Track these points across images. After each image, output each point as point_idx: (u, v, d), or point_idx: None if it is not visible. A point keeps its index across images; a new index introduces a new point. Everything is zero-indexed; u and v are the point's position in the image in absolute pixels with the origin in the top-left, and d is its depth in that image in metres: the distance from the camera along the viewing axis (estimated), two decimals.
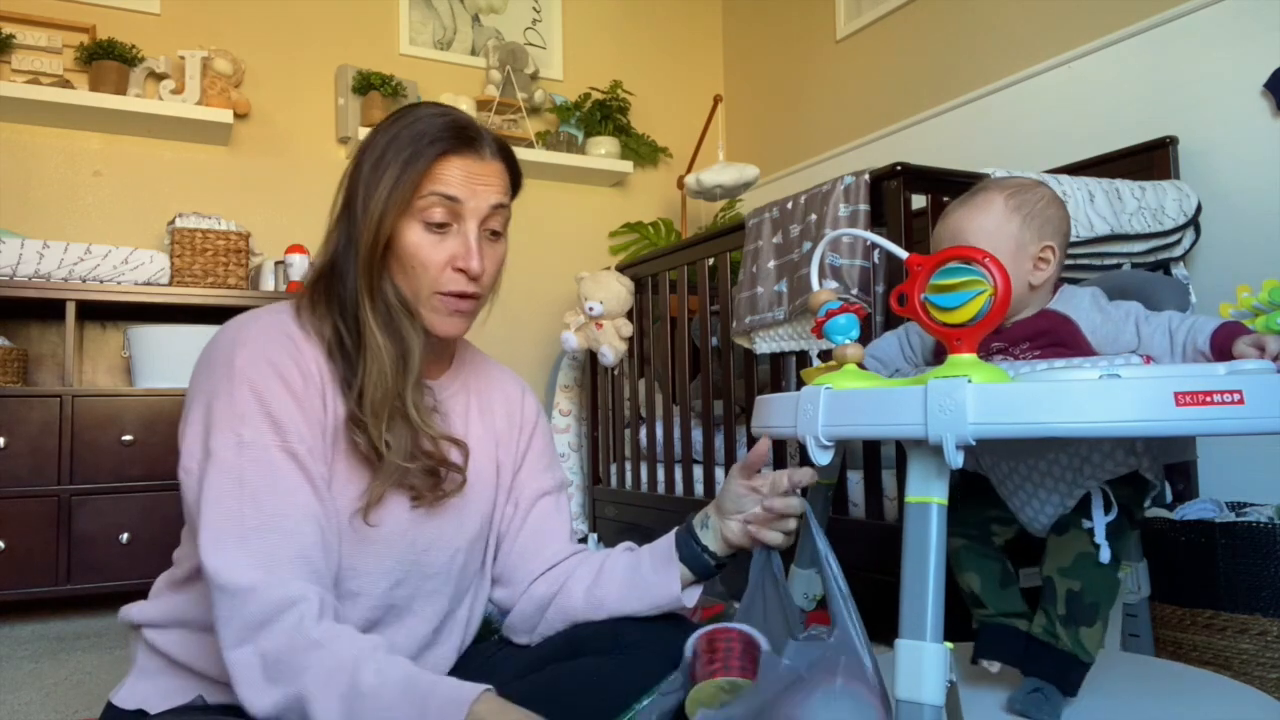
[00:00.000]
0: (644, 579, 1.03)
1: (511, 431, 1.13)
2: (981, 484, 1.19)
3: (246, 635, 0.80)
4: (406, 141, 0.95)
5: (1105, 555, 1.05)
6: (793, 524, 1.00)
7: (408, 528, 0.98)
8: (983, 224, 1.11)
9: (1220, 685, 1.16)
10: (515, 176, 1.05)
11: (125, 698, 0.94)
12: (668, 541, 1.06)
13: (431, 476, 0.97)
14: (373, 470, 0.93)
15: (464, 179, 0.96)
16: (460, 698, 0.78)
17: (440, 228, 0.96)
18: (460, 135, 0.97)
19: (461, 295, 0.97)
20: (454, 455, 1.00)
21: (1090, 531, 1.07)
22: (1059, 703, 1.03)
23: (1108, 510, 1.07)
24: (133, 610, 0.99)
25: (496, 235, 1.02)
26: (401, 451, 0.93)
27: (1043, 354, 1.09)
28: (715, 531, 1.04)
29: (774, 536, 1.00)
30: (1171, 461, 1.14)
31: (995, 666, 1.09)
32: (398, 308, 0.96)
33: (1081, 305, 1.12)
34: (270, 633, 0.80)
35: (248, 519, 0.83)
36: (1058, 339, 1.10)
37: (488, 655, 1.10)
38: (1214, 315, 1.03)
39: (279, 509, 0.85)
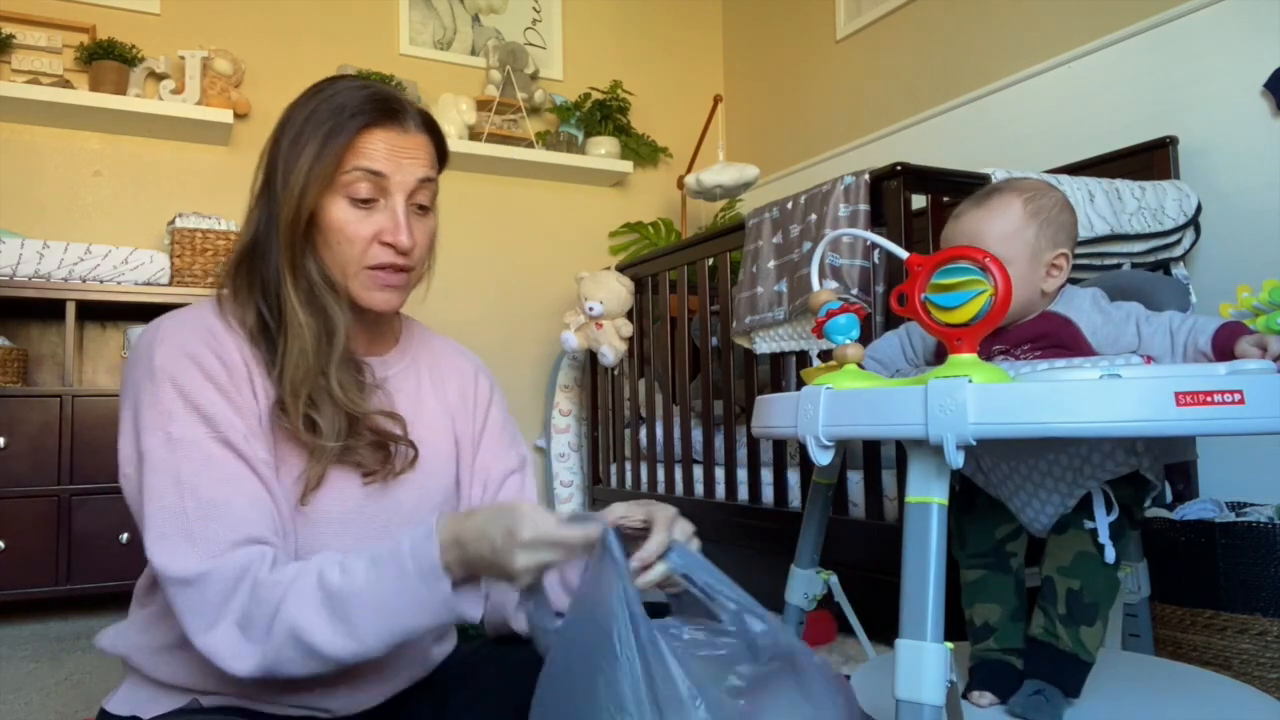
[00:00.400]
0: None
1: (466, 406, 1.10)
2: (979, 502, 1.19)
3: (212, 616, 0.80)
4: (326, 115, 0.93)
5: (1110, 555, 1.05)
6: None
7: (363, 504, 0.95)
8: (1001, 229, 1.10)
9: (1220, 685, 1.16)
10: (441, 149, 1.02)
11: (119, 704, 0.93)
12: None
13: (380, 451, 0.95)
14: (309, 452, 0.91)
15: (388, 152, 0.93)
16: (423, 533, 0.81)
17: (366, 203, 0.93)
18: (382, 107, 0.94)
19: (392, 268, 0.95)
20: (393, 429, 0.98)
21: (1091, 532, 1.06)
22: (1061, 704, 1.03)
23: (1109, 510, 1.07)
24: (105, 641, 0.96)
25: (424, 210, 0.99)
26: (332, 431, 0.90)
27: (1043, 355, 1.09)
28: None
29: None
30: (1172, 461, 1.14)
31: (986, 699, 1.07)
32: (321, 285, 0.93)
33: (1082, 307, 1.11)
34: (234, 603, 0.79)
35: (190, 513, 0.82)
36: (1058, 341, 1.09)
37: (473, 664, 1.06)
38: (1214, 315, 1.03)
39: (220, 497, 0.83)
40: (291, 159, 0.93)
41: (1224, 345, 0.97)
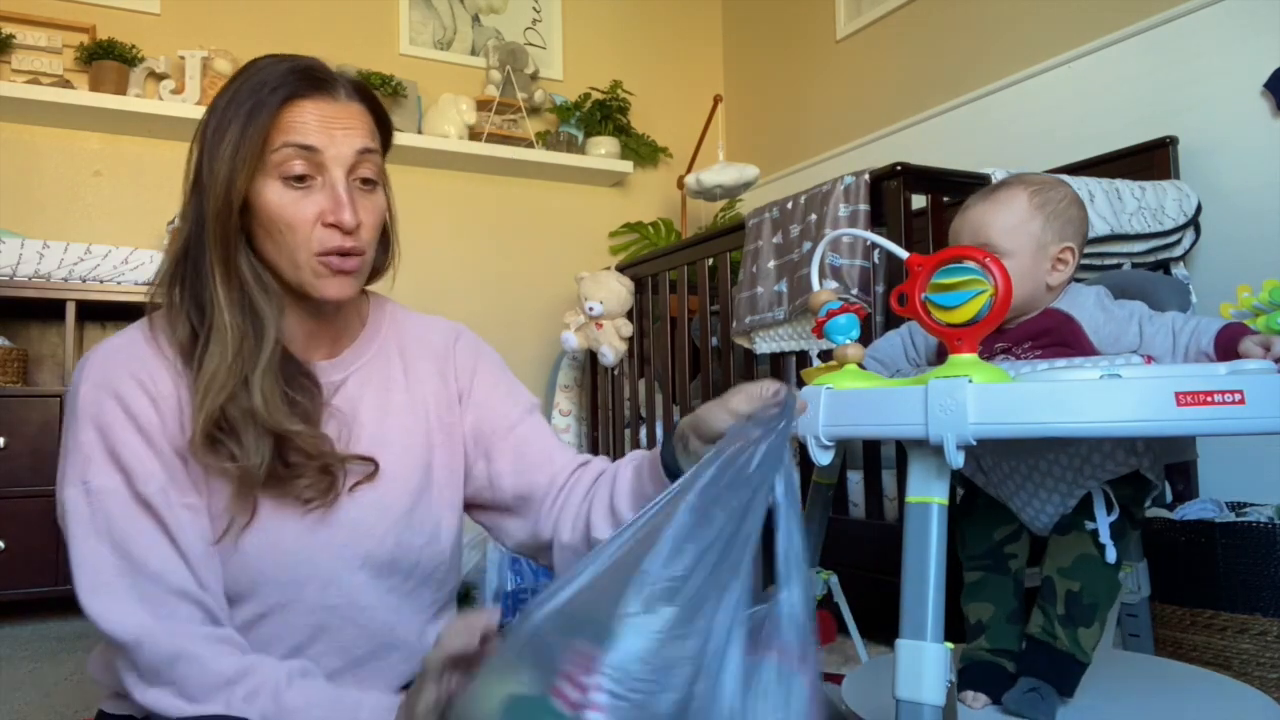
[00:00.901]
0: (648, 496, 0.92)
1: (446, 383, 1.03)
2: (978, 504, 1.18)
3: (151, 679, 0.78)
4: (247, 94, 0.85)
5: (1111, 555, 1.05)
6: None
7: (308, 532, 0.88)
8: (1006, 221, 1.10)
9: (1220, 685, 1.16)
10: (382, 121, 0.94)
11: (116, 706, 0.92)
12: (655, 460, 0.94)
13: (323, 476, 0.88)
14: (236, 482, 0.83)
15: (319, 124, 0.86)
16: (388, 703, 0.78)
17: (301, 180, 0.85)
18: (306, 76, 0.87)
19: (341, 252, 0.87)
20: (324, 449, 0.88)
21: (1092, 533, 1.06)
22: (1055, 703, 1.03)
23: (1109, 511, 1.07)
24: (93, 668, 0.94)
25: (370, 184, 0.90)
26: (255, 453, 0.83)
27: (1044, 354, 1.09)
28: (696, 457, 0.88)
29: None
30: (1172, 461, 1.14)
31: (981, 701, 1.06)
32: (254, 284, 0.86)
33: (1085, 304, 1.11)
34: (175, 674, 0.77)
35: (113, 566, 0.79)
36: (1060, 338, 1.09)
37: None
38: (1214, 315, 1.03)
39: (141, 553, 0.80)
40: (215, 146, 0.85)
41: (1227, 346, 0.97)
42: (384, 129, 0.95)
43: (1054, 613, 1.07)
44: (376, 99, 0.94)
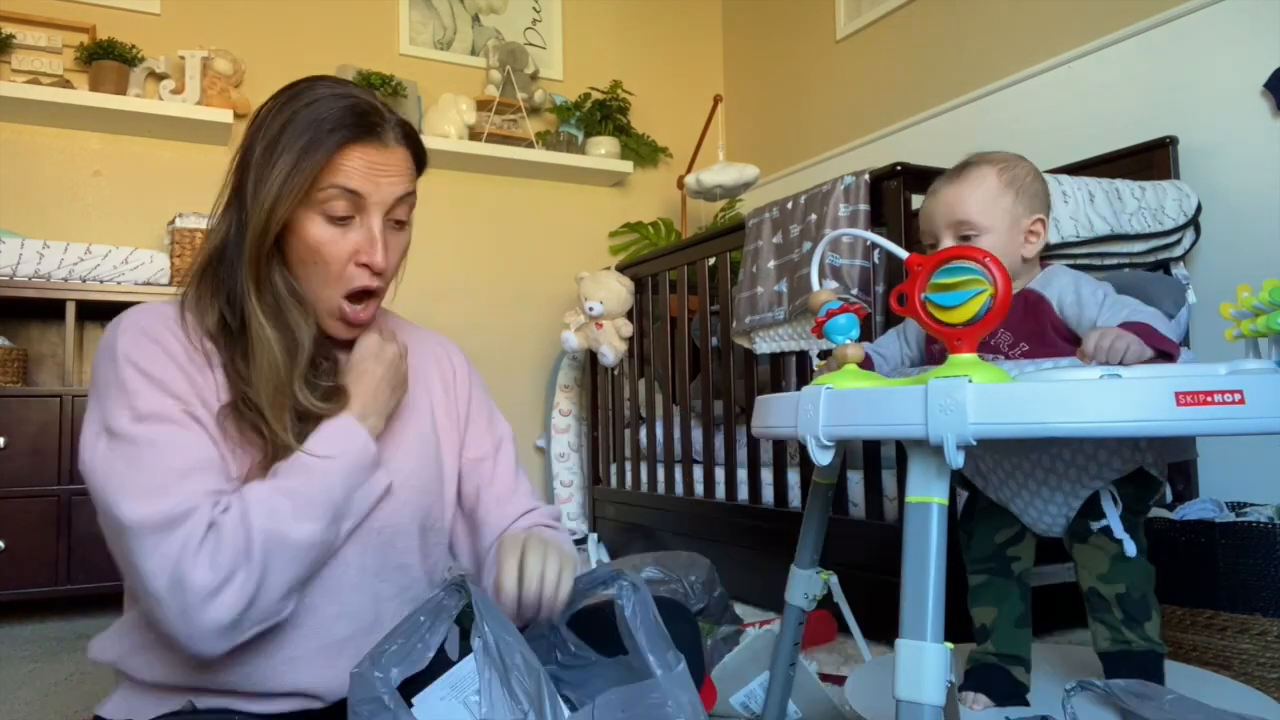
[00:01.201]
0: None
1: (450, 398, 1.10)
2: (980, 508, 1.18)
3: (189, 563, 0.79)
4: (303, 126, 0.89)
5: (1131, 549, 1.05)
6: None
7: None
8: (980, 198, 1.13)
9: (1220, 685, 1.16)
10: (420, 160, 1.00)
11: (113, 709, 0.92)
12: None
13: None
14: (263, 454, 0.89)
15: (367, 171, 0.91)
16: (345, 424, 0.90)
17: (343, 220, 0.91)
18: (362, 122, 0.91)
19: (366, 293, 0.95)
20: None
21: (1105, 530, 1.06)
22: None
23: (1116, 507, 1.07)
24: (96, 648, 0.95)
25: (400, 224, 0.97)
26: (290, 429, 0.89)
27: (1031, 352, 1.10)
28: None
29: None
30: (1173, 460, 1.14)
31: (981, 703, 1.07)
32: (287, 298, 0.92)
33: (1059, 284, 1.13)
34: (204, 548, 0.80)
35: (167, 471, 0.81)
36: (1033, 329, 1.10)
37: None
38: (1214, 315, 1.03)
39: (190, 459, 0.83)
40: (264, 170, 0.89)
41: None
42: (420, 166, 1.01)
43: (1114, 620, 1.07)
44: (420, 142, 1.00)
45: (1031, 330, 1.11)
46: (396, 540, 0.98)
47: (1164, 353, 0.96)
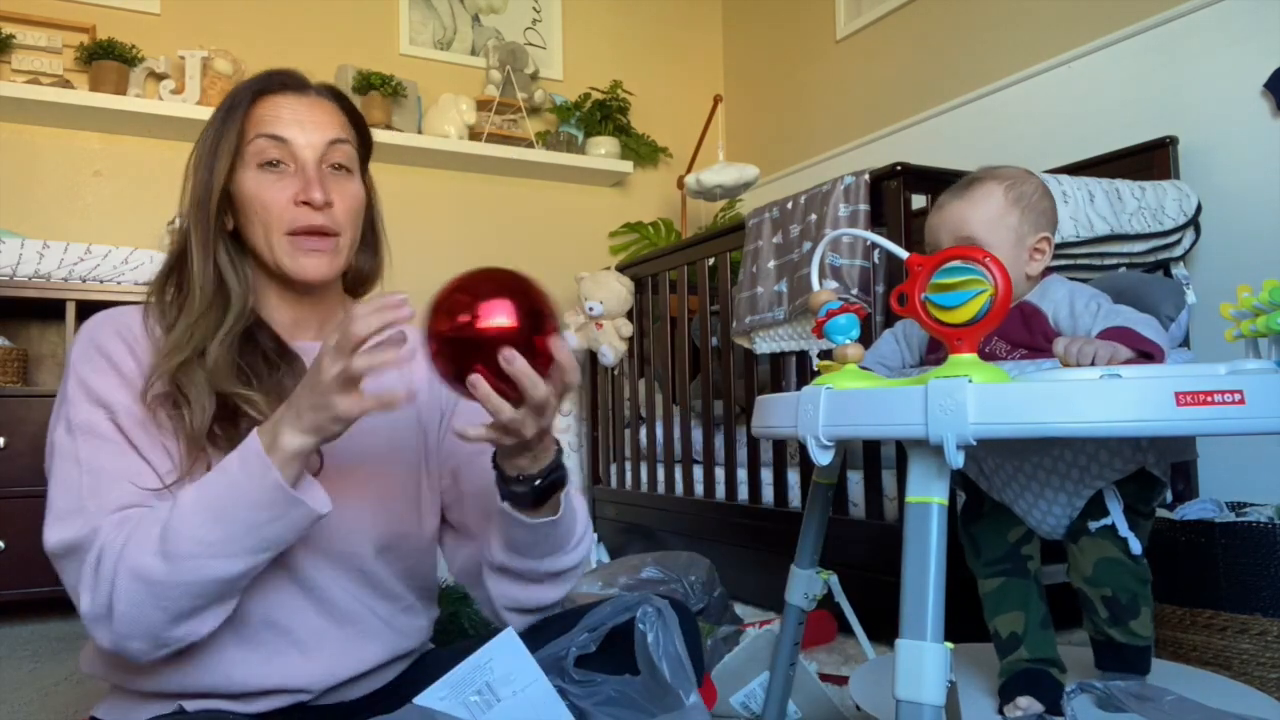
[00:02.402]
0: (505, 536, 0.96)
1: (432, 395, 1.03)
2: (986, 508, 1.18)
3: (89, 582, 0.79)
4: (228, 100, 0.95)
5: (1136, 546, 1.05)
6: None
7: None
8: (985, 215, 1.12)
9: (1220, 685, 1.16)
10: (355, 119, 1.00)
11: (107, 711, 0.93)
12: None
13: None
14: (184, 441, 0.87)
15: (290, 117, 0.93)
16: (249, 443, 0.79)
17: (275, 165, 0.92)
18: (277, 77, 0.95)
19: (312, 230, 0.92)
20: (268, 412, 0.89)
21: (1104, 532, 1.06)
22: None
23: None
24: (83, 660, 0.95)
25: (343, 170, 0.96)
26: (199, 413, 0.86)
27: (1012, 349, 1.10)
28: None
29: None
30: (1175, 460, 1.13)
31: (1025, 701, 1.03)
32: (229, 265, 0.92)
33: (1054, 295, 1.13)
34: (102, 573, 0.79)
35: (84, 488, 0.83)
36: (1027, 341, 1.10)
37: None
38: (1215, 315, 1.03)
39: (110, 470, 0.84)
40: (200, 150, 0.94)
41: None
42: (361, 131, 1.01)
43: (1100, 618, 1.07)
44: (348, 100, 1.01)
45: (1027, 340, 1.11)
46: (364, 562, 0.96)
47: (1145, 354, 0.96)
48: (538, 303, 0.78)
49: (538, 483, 0.88)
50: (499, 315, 0.76)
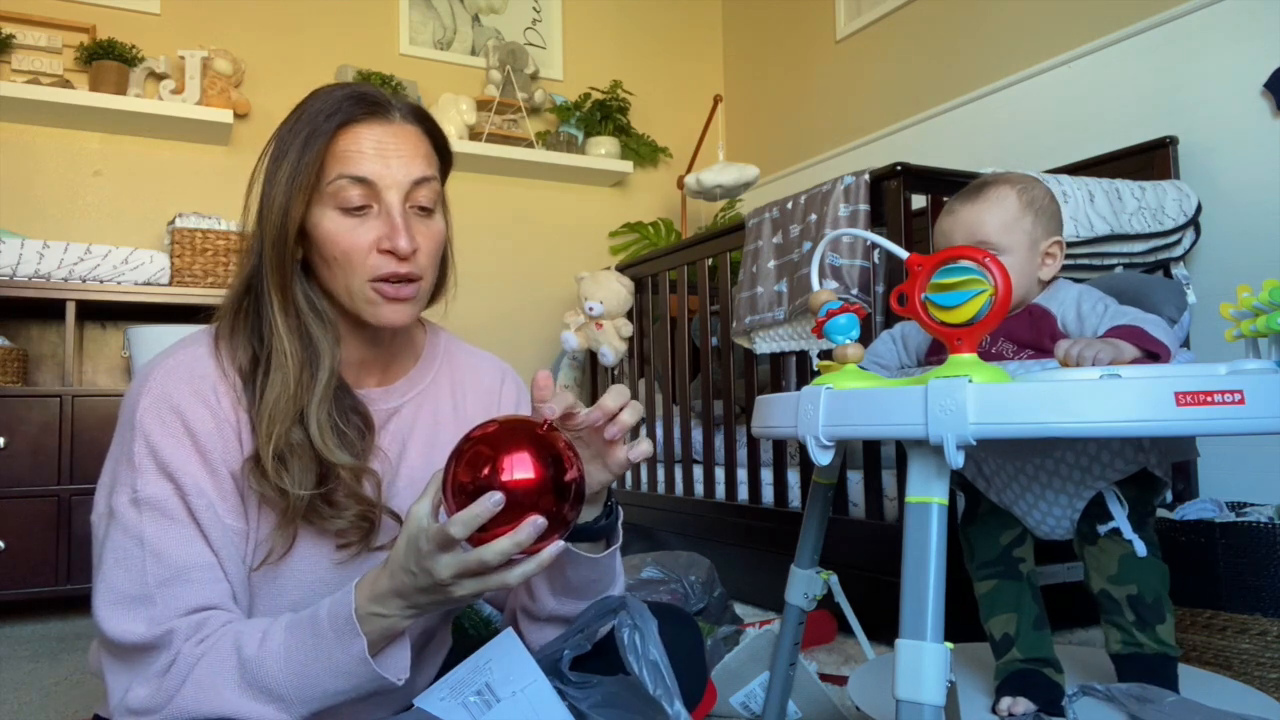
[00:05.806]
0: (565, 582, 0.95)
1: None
2: (982, 511, 1.18)
3: (139, 677, 0.78)
4: (304, 123, 0.86)
5: (1141, 548, 1.05)
6: (621, 452, 0.89)
7: (331, 575, 0.89)
8: (1000, 219, 1.12)
9: (1220, 685, 1.16)
10: (441, 146, 0.95)
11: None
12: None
13: (365, 522, 0.88)
14: (280, 513, 0.84)
15: (374, 152, 0.86)
16: (342, 592, 0.78)
17: (358, 210, 0.86)
18: (360, 101, 0.87)
19: (396, 279, 0.87)
20: (367, 494, 0.89)
21: (1114, 531, 1.06)
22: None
23: (1121, 507, 1.07)
24: (92, 658, 0.94)
25: (426, 212, 0.91)
26: (303, 482, 0.83)
27: (1018, 350, 1.10)
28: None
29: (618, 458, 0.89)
30: (1176, 460, 1.13)
31: (1020, 705, 1.04)
32: (308, 311, 0.87)
33: (1062, 297, 1.13)
34: (170, 678, 0.77)
35: (149, 576, 0.79)
36: (1033, 343, 1.10)
37: None
38: (1214, 315, 1.03)
39: (179, 562, 0.80)
40: (274, 177, 0.87)
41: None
42: (443, 154, 0.97)
43: (1126, 622, 1.06)
44: (434, 122, 0.94)
45: (1034, 341, 1.11)
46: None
47: (1152, 354, 0.96)
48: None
49: (604, 520, 0.90)
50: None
